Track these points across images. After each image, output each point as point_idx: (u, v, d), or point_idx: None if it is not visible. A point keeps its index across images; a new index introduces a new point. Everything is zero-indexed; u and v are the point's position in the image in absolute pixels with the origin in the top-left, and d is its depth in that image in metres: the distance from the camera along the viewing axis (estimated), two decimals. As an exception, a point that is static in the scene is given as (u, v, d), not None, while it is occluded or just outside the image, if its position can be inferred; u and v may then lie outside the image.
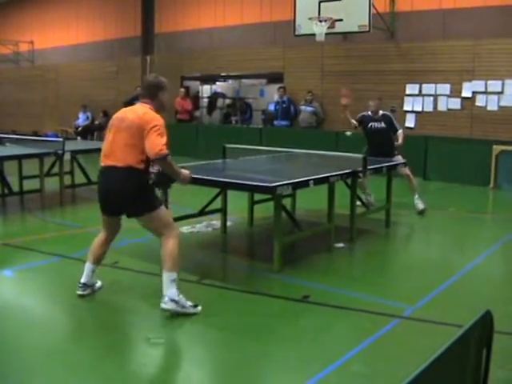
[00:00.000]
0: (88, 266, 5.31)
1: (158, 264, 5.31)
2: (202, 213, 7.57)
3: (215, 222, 8.19)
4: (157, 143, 4.76)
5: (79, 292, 5.28)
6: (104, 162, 5.05)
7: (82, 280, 5.30)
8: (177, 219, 7.25)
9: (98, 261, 5.37)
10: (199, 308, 4.98)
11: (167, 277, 4.89)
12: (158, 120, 4.90)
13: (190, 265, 6.36)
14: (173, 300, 4.84)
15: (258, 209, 8.36)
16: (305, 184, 6.30)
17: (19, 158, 10.13)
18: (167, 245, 4.96)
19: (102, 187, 5.15)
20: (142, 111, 4.98)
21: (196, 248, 7.21)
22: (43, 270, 6.42)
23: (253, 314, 5.05)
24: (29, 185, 10.44)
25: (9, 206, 10.17)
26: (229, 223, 8.03)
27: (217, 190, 7.54)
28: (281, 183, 5.85)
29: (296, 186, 6.26)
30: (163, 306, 4.85)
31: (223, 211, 7.85)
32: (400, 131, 9.56)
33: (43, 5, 24.71)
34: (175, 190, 6.56)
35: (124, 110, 5.24)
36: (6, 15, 26.51)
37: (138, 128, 4.84)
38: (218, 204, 7.78)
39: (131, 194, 4.94)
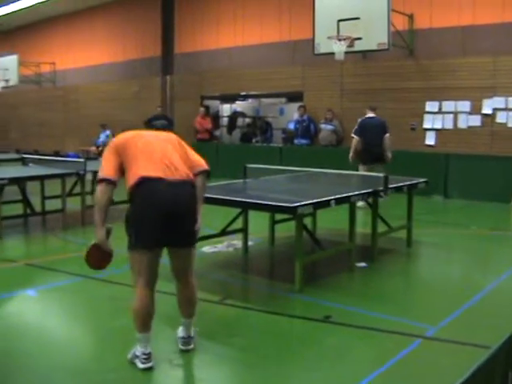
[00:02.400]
0: (147, 336, 4.35)
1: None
2: (224, 233, 7.61)
3: (236, 241, 8.23)
4: (198, 157, 4.61)
5: (147, 365, 4.33)
6: (156, 174, 4.23)
7: (150, 350, 4.34)
8: (198, 239, 7.32)
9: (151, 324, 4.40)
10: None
11: (190, 322, 4.63)
12: None
13: (211, 285, 6.40)
14: (192, 337, 4.66)
15: (279, 228, 8.38)
16: (326, 204, 6.31)
17: (42, 178, 10.25)
18: (195, 290, 4.62)
19: (162, 207, 4.19)
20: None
21: (217, 268, 7.24)
22: (66, 290, 6.48)
23: (274, 335, 5.05)
24: (51, 205, 10.56)
25: (31, 225, 10.29)
26: (250, 243, 8.06)
27: (238, 210, 7.57)
28: (302, 203, 5.87)
29: (317, 205, 6.27)
30: (190, 347, 4.64)
31: (244, 231, 7.89)
32: None
33: (64, 27, 25.08)
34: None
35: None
36: (29, 37, 26.93)
37: (176, 139, 4.58)
38: (238, 224, 7.81)
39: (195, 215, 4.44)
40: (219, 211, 6.83)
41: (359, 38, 13.55)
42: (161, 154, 4.33)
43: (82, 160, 10.54)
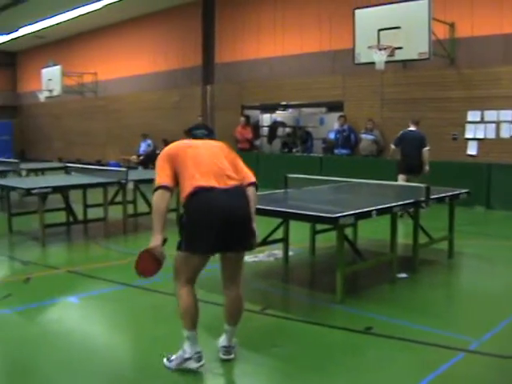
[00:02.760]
0: (195, 335, 4.44)
1: (219, 294, 5.33)
2: (265, 242, 7.62)
3: (277, 251, 8.24)
4: (246, 169, 4.66)
5: (198, 365, 4.46)
6: (210, 183, 4.31)
7: (200, 348, 4.46)
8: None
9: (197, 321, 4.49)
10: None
11: (234, 330, 4.65)
12: None
13: (252, 294, 6.40)
14: (234, 347, 4.68)
15: (320, 238, 8.36)
16: (367, 214, 6.29)
17: (84, 187, 10.41)
18: (243, 300, 4.64)
19: (219, 215, 4.23)
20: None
21: (258, 277, 7.26)
22: (107, 297, 6.57)
23: (316, 345, 5.04)
24: (93, 213, 10.71)
25: (73, 233, 10.45)
26: (290, 253, 8.06)
27: (279, 220, 7.58)
28: (343, 214, 5.86)
29: (358, 216, 6.24)
30: (231, 357, 4.63)
31: (285, 241, 7.89)
32: None
33: (106, 37, 25.47)
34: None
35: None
36: (72, 48, 27.40)
37: (226, 148, 4.67)
38: (279, 234, 7.82)
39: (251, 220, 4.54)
40: (260, 221, 6.81)
41: (400, 48, 13.48)
42: (212, 162, 4.43)
43: (124, 169, 10.66)
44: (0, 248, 9.33)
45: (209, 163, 4.41)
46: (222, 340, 4.69)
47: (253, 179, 4.63)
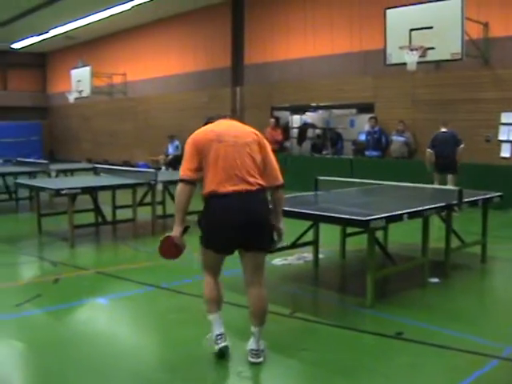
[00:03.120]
0: (218, 316, 4.73)
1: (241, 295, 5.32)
2: (294, 245, 7.61)
3: (307, 254, 8.22)
4: (275, 168, 4.67)
5: (224, 344, 4.68)
6: (227, 187, 4.42)
7: (222, 330, 4.70)
8: (273, 248, 7.35)
9: (221, 305, 4.81)
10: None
11: (260, 331, 4.67)
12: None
13: (281, 298, 6.42)
14: (264, 350, 4.71)
15: (351, 241, 8.33)
16: (398, 218, 6.25)
17: (113, 188, 10.49)
18: (266, 299, 4.71)
19: (232, 221, 4.41)
20: (247, 127, 4.79)
21: (287, 280, 7.26)
22: (136, 299, 6.62)
23: (345, 350, 5.03)
24: (122, 214, 10.80)
25: (102, 234, 10.56)
26: (320, 256, 8.03)
27: (308, 223, 7.57)
28: (374, 217, 5.83)
29: (390, 219, 6.19)
30: (259, 360, 4.65)
31: (315, 244, 7.87)
32: None
33: (136, 38, 25.60)
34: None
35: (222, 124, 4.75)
36: (101, 49, 27.63)
37: (257, 140, 4.63)
38: (309, 236, 7.81)
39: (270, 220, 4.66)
40: (290, 223, 6.80)
41: (432, 48, 13.37)
42: (233, 164, 4.45)
43: (153, 170, 10.72)
44: (29, 248, 9.46)
45: (230, 163, 4.45)
46: (251, 343, 4.70)
47: (279, 182, 4.67)
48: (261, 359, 4.66)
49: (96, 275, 7.66)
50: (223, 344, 4.64)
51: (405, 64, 13.61)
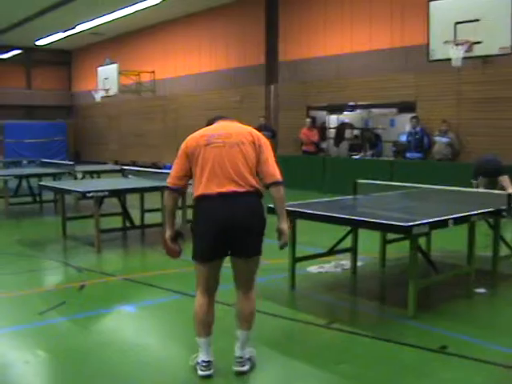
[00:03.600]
0: (206, 342, 4.65)
1: (283, 306, 5.35)
2: (331, 252, 7.59)
3: (344, 261, 8.19)
4: (273, 164, 4.61)
5: (203, 373, 4.63)
6: (213, 189, 4.46)
7: (210, 358, 4.64)
8: (305, 258, 7.35)
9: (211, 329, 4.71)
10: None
11: (246, 336, 4.70)
12: (263, 137, 4.72)
13: (317, 307, 6.41)
14: (249, 359, 4.73)
15: (391, 248, 8.28)
16: (443, 223, 6.19)
17: (142, 190, 10.56)
18: (253, 302, 4.73)
19: (217, 224, 4.45)
20: (243, 126, 4.79)
21: (324, 289, 7.23)
22: (164, 307, 6.66)
23: (385, 364, 4.99)
24: (150, 218, 10.85)
25: (130, 239, 10.64)
26: (359, 263, 8.00)
27: (346, 228, 7.54)
28: (417, 223, 5.78)
29: (433, 225, 6.13)
30: (241, 369, 4.66)
31: (353, 250, 7.84)
32: None
33: (164, 34, 25.82)
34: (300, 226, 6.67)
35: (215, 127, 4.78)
36: (129, 46, 27.87)
37: (251, 139, 4.59)
38: (347, 243, 7.78)
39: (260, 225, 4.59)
40: (326, 229, 6.85)
41: (479, 42, 13.20)
42: (224, 164, 4.48)
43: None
44: (54, 253, 9.56)
45: (219, 164, 4.48)
46: (236, 349, 4.71)
47: (275, 179, 4.56)
48: (245, 368, 4.66)
49: (123, 282, 7.71)
50: (207, 373, 4.57)
51: (449, 60, 13.46)
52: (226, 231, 4.42)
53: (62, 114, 33.29)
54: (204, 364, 4.57)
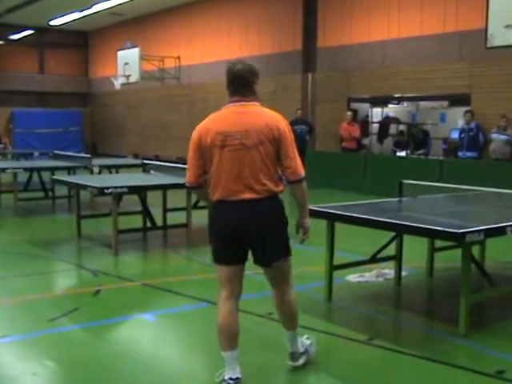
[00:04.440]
0: (230, 355, 4.67)
1: (318, 318, 5.30)
2: (373, 260, 7.53)
3: (387, 270, 8.13)
4: (295, 157, 4.67)
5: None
6: (230, 195, 4.61)
7: (235, 375, 4.61)
8: (343, 266, 7.31)
9: (236, 342, 4.74)
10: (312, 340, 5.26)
11: (292, 335, 5.02)
12: (283, 122, 4.74)
13: (356, 320, 6.37)
14: (302, 353, 5.10)
15: (440, 257, 8.21)
16: (500, 231, 6.10)
17: (165, 188, 10.59)
18: (290, 302, 4.91)
19: (230, 232, 4.64)
20: (262, 114, 4.82)
21: (364, 301, 7.19)
22: (187, 316, 6.67)
23: (433, 387, 4.94)
24: (173, 218, 10.88)
25: (151, 241, 10.68)
26: (404, 273, 7.93)
27: (390, 234, 7.48)
28: (471, 229, 5.70)
29: (489, 232, 6.04)
30: (295, 364, 5.06)
31: (398, 259, 7.78)
32: None
33: (191, 17, 25.91)
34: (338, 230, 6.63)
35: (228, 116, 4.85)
36: (152, 28, 27.97)
37: (269, 132, 4.60)
38: (391, 250, 7.73)
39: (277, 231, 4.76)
40: (368, 234, 6.81)
41: (545, 27, 13.06)
42: (241, 171, 4.56)
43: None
44: (67, 255, 9.64)
45: (236, 171, 4.57)
46: (288, 345, 5.08)
47: (293, 177, 4.64)
48: (299, 362, 5.06)
49: (142, 287, 7.74)
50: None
51: (510, 46, 13.31)
52: (239, 239, 4.61)
53: (77, 101, 33.59)
54: (230, 382, 4.56)
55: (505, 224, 6.13)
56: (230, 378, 4.57)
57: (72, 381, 4.97)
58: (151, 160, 16.44)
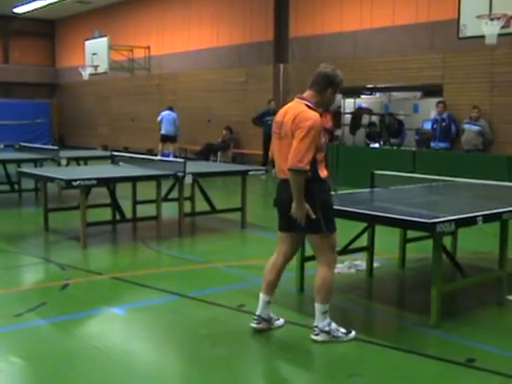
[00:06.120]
0: (261, 297, 5.74)
1: (290, 310, 5.33)
2: (345, 251, 7.58)
3: (359, 262, 8.19)
4: (298, 151, 5.21)
5: (253, 325, 5.72)
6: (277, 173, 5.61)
7: (257, 312, 5.72)
8: (314, 257, 7.31)
9: (271, 290, 5.75)
10: (353, 334, 5.62)
11: (319, 309, 5.52)
12: (309, 120, 5.25)
13: (328, 312, 6.38)
14: (324, 331, 5.48)
15: (411, 248, 8.28)
16: (471, 221, 6.17)
17: (134, 179, 10.57)
18: (321, 275, 5.55)
19: (277, 200, 5.72)
20: (297, 110, 5.43)
21: (336, 292, 7.10)
22: (157, 309, 6.65)
23: (404, 377, 4.99)
24: (143, 211, 10.86)
25: (120, 233, 10.66)
26: (376, 264, 7.99)
27: (362, 225, 7.54)
28: (442, 219, 5.76)
29: (460, 222, 6.11)
30: (314, 337, 5.50)
31: (369, 250, 7.84)
32: None
33: (162, 7, 25.83)
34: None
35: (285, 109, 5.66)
36: (121, 18, 27.85)
37: (293, 125, 5.33)
38: (363, 241, 7.78)
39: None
40: (340, 225, 6.80)
41: (517, 17, 13.16)
42: (280, 154, 5.53)
43: (180, 160, 10.74)
44: (34, 249, 9.58)
45: (279, 154, 5.57)
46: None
47: (289, 166, 5.25)
48: (319, 337, 5.47)
49: (111, 281, 7.72)
50: (253, 326, 5.69)
51: (483, 37, 13.36)
52: (279, 210, 5.68)
53: (44, 92, 33.32)
54: (254, 317, 5.71)
55: (475, 214, 6.20)
56: (255, 315, 5.71)
57: (39, 377, 4.96)
58: (121, 152, 16.37)
